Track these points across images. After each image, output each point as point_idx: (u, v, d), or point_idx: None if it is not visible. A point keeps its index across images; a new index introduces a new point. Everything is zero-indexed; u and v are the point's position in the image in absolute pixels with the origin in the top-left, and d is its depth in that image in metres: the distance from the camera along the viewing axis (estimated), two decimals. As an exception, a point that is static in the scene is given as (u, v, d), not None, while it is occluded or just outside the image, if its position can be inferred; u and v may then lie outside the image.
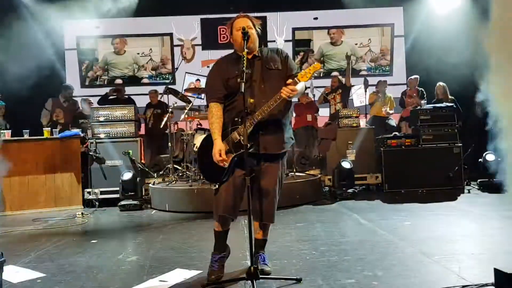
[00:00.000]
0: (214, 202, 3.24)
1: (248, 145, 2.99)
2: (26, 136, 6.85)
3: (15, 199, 6.57)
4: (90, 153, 6.96)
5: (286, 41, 10.83)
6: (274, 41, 10.69)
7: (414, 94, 8.69)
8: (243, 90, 2.90)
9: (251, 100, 3.11)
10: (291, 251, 3.86)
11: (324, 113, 9.15)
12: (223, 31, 10.75)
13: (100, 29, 10.59)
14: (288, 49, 10.82)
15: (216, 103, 3.21)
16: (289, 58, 3.27)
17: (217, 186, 3.18)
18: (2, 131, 6.79)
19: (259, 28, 3.26)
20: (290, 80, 3.02)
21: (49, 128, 7.00)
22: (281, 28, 10.80)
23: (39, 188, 6.67)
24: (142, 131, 8.60)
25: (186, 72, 10.71)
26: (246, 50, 3.07)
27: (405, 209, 5.55)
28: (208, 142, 3.22)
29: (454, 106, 7.44)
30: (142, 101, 9.31)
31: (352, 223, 4.98)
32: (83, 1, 9.74)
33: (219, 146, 3.09)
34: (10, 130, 6.92)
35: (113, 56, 10.85)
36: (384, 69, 10.93)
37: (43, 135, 6.88)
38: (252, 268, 2.93)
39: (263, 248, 3.40)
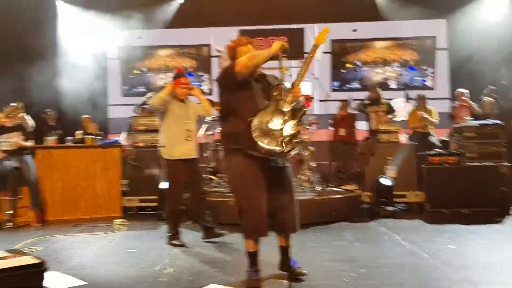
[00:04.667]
0: (246, 223, 3.26)
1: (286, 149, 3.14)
2: (69, 143, 7.03)
3: (57, 205, 6.74)
4: (129, 161, 7.07)
5: (324, 53, 10.73)
6: (312, 53, 10.61)
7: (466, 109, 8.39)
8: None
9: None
10: (329, 272, 3.77)
11: (363, 126, 8.99)
12: (260, 42, 10.79)
13: (142, 40, 10.85)
14: (326, 61, 10.74)
15: None
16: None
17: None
18: (47, 138, 7.00)
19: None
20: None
21: (92, 136, 7.17)
22: (320, 40, 10.71)
23: (80, 195, 6.81)
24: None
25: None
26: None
27: (448, 231, 5.34)
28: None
29: (501, 123, 7.16)
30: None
31: (392, 244, 4.82)
32: (126, 12, 10.03)
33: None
34: (55, 137, 7.11)
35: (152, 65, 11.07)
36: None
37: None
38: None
39: (287, 254, 3.55)
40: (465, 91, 8.43)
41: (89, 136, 7.19)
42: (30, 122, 6.59)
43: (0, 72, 7.93)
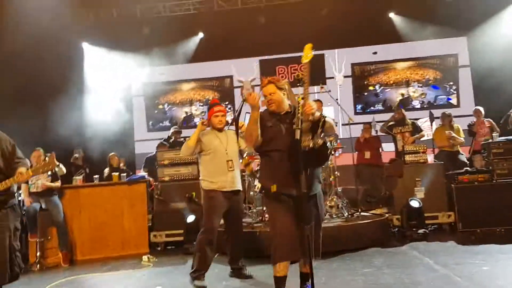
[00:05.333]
0: (277, 246, 3.35)
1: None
2: (96, 182, 7.17)
3: (85, 245, 6.80)
4: (156, 196, 7.12)
5: (345, 77, 10.74)
6: (333, 77, 10.64)
7: (485, 125, 8.23)
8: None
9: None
10: (358, 301, 3.66)
11: (387, 148, 8.87)
12: (281, 70, 10.92)
13: (165, 76, 11.13)
14: (347, 84, 10.74)
15: None
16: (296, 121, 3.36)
17: None
18: (75, 177, 7.16)
19: (286, 85, 3.69)
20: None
21: (118, 173, 7.28)
22: (339, 64, 10.76)
23: (108, 233, 6.86)
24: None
25: (246, 113, 10.83)
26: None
27: (482, 251, 5.14)
28: None
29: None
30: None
31: (424, 268, 4.65)
32: (149, 50, 10.34)
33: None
34: (81, 176, 7.26)
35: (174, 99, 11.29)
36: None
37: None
38: None
39: (309, 280, 3.38)
40: (478, 108, 8.34)
41: (116, 173, 7.31)
42: (63, 169, 6.80)
43: (29, 111, 8.23)
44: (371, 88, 10.88)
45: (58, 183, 6.61)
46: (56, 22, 9.17)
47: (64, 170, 6.95)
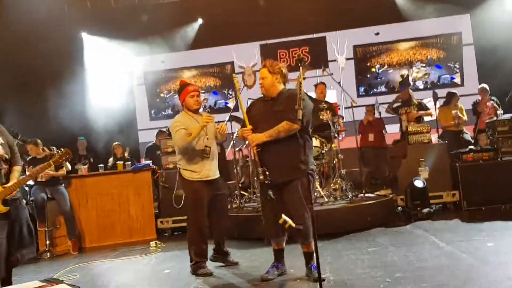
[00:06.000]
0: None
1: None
2: (101, 171, 7.21)
3: (93, 232, 6.89)
4: (161, 184, 7.16)
5: (347, 59, 10.67)
6: (335, 60, 10.57)
7: (488, 104, 8.17)
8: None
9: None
10: (364, 279, 3.68)
11: (391, 130, 8.84)
12: (282, 54, 10.84)
13: (165, 63, 11.10)
14: (350, 67, 10.68)
15: None
16: (297, 101, 3.42)
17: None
18: (80, 167, 7.20)
19: (281, 70, 3.90)
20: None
21: (122, 162, 7.32)
22: (341, 46, 10.67)
23: (115, 221, 6.94)
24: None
25: (248, 98, 10.81)
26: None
27: (487, 229, 5.14)
28: None
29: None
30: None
31: (429, 246, 4.66)
32: (150, 38, 10.30)
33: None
34: (86, 166, 7.31)
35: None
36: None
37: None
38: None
39: (312, 259, 3.81)
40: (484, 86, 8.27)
41: (120, 162, 7.35)
42: (69, 166, 6.85)
43: (31, 103, 8.26)
44: (373, 70, 10.80)
45: (63, 171, 6.65)
46: (54, 12, 9.18)
47: (70, 167, 6.98)
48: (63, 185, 6.69)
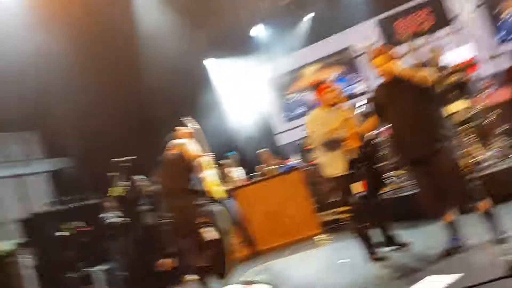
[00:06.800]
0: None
1: None
2: (256, 178, 7.63)
3: (263, 236, 7.22)
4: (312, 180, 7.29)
5: (478, 6, 9.68)
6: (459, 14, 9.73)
7: None
8: None
9: None
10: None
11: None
12: (400, 26, 10.37)
13: (287, 65, 11.37)
14: (480, 15, 9.75)
15: None
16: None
17: None
18: (237, 178, 7.69)
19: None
20: None
21: (273, 167, 7.66)
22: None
23: (280, 222, 7.21)
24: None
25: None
26: None
27: None
28: None
29: None
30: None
31: None
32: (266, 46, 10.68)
33: None
34: (243, 177, 7.78)
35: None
36: None
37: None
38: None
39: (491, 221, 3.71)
40: None
41: (271, 167, 7.68)
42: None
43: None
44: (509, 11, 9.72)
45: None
46: (179, 47, 9.93)
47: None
48: (231, 197, 7.19)
